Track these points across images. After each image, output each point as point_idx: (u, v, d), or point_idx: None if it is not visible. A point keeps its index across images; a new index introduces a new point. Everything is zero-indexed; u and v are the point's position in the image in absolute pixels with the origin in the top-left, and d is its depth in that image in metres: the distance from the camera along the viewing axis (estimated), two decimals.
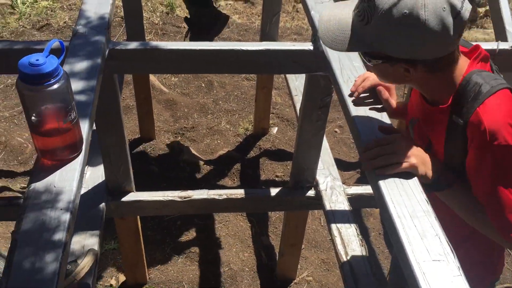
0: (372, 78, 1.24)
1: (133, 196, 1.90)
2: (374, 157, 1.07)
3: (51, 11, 4.12)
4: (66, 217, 0.96)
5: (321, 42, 1.10)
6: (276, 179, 2.93)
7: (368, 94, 1.24)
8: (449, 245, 0.94)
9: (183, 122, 3.25)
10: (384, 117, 1.21)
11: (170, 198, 1.91)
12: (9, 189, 2.68)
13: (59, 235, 0.93)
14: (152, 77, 3.32)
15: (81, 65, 1.33)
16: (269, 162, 3.04)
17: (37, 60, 0.94)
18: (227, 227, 2.65)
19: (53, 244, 0.91)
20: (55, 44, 1.02)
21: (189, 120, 3.28)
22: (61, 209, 0.97)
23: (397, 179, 1.05)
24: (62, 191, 1.00)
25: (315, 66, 1.51)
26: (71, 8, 4.20)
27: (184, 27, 4.14)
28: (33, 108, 0.97)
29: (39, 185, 1.01)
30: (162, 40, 3.97)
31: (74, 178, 1.03)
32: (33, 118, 0.98)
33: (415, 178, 1.06)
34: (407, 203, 1.01)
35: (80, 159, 1.07)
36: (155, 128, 3.10)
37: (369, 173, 1.09)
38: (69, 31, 3.90)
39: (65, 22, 3.99)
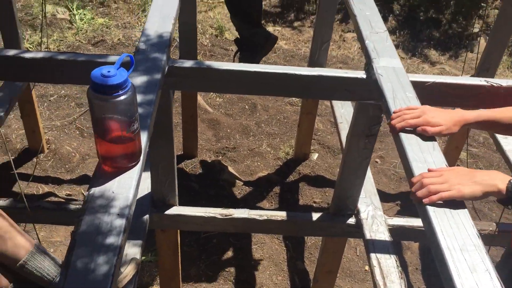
0: (417, 114, 1.24)
1: (176, 210, 1.94)
2: (420, 188, 1.07)
3: (107, 28, 4.30)
4: (122, 222, 1.00)
5: None
6: (314, 205, 2.92)
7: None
8: (499, 281, 0.93)
9: (225, 142, 3.30)
10: (435, 149, 1.21)
11: (211, 215, 1.94)
12: (55, 195, 2.77)
13: (115, 239, 0.96)
14: (198, 96, 3.40)
15: (142, 79, 1.39)
16: (308, 187, 3.04)
17: (109, 72, 0.99)
18: (262, 249, 2.66)
19: (108, 247, 0.95)
20: (125, 57, 1.08)
21: (231, 140, 3.33)
22: (118, 214, 1.01)
23: (447, 210, 1.05)
24: (120, 197, 1.05)
25: (367, 94, 1.52)
26: (125, 26, 4.37)
27: (232, 50, 4.24)
28: (101, 116, 1.03)
29: (98, 190, 1.06)
30: (209, 61, 4.07)
31: (132, 186, 1.07)
32: (99, 125, 1.04)
33: (466, 210, 1.06)
34: (458, 235, 1.00)
35: (137, 168, 1.12)
36: (198, 146, 3.16)
37: (418, 203, 1.09)
38: (122, 48, 4.06)
39: (119, 39, 4.16)
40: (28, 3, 4.46)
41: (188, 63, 1.58)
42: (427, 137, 1.23)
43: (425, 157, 1.18)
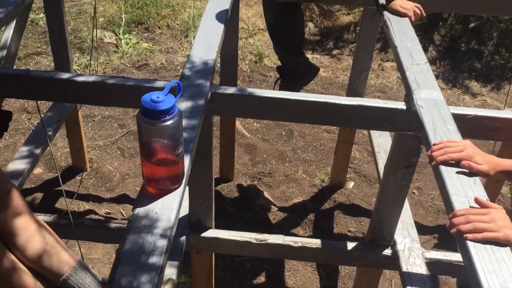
0: (459, 148, 1.24)
1: (212, 232, 1.97)
2: (465, 223, 1.06)
3: (150, 52, 4.45)
4: (164, 243, 1.03)
5: None
6: (349, 234, 2.90)
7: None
8: None
9: (261, 167, 3.33)
10: (476, 183, 1.20)
11: (246, 239, 1.96)
12: (95, 213, 2.85)
13: (157, 259, 1.00)
14: (236, 121, 3.46)
15: (186, 104, 1.44)
16: (343, 216, 3.02)
17: (158, 97, 1.04)
18: (295, 276, 2.64)
19: (151, 267, 0.98)
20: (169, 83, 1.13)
21: (267, 165, 3.36)
22: (160, 235, 1.04)
23: (488, 246, 1.04)
24: (162, 218, 1.08)
25: (406, 125, 1.53)
26: (168, 51, 4.51)
27: (271, 76, 4.31)
28: (148, 139, 1.07)
29: (142, 210, 1.10)
30: (248, 86, 4.14)
31: (174, 208, 1.11)
32: (146, 148, 1.09)
33: (508, 248, 1.04)
34: (498, 272, 0.99)
35: (180, 191, 1.15)
36: (234, 170, 3.20)
37: (459, 238, 1.08)
38: (164, 72, 4.19)
39: (161, 64, 4.29)
40: (78, 27, 4.68)
41: (231, 90, 1.63)
42: (468, 171, 1.22)
43: (465, 191, 1.17)
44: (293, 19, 2.39)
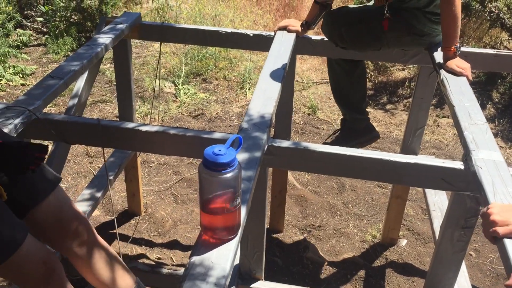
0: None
1: (261, 284, 1.97)
2: None
3: (207, 102, 4.62)
4: None
5: None
6: None
7: None
8: None
9: (311, 220, 3.31)
10: None
11: None
12: (147, 257, 2.91)
13: None
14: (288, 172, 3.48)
15: (244, 156, 1.49)
16: (395, 275, 2.92)
17: (220, 150, 1.10)
18: None
19: None
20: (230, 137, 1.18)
21: (317, 218, 3.33)
22: (214, 284, 1.07)
23: None
24: (217, 267, 1.11)
25: (464, 185, 1.50)
26: (223, 101, 4.66)
27: (323, 129, 4.35)
28: (208, 189, 1.12)
29: (199, 258, 1.13)
30: (301, 138, 4.19)
31: (229, 258, 1.14)
32: (206, 198, 1.13)
33: None
34: None
35: (235, 241, 1.18)
36: (284, 221, 3.20)
37: None
38: (219, 121, 4.31)
39: (217, 113, 4.43)
40: (140, 77, 4.94)
41: (286, 143, 1.67)
42: None
43: None
44: (353, 77, 2.43)
